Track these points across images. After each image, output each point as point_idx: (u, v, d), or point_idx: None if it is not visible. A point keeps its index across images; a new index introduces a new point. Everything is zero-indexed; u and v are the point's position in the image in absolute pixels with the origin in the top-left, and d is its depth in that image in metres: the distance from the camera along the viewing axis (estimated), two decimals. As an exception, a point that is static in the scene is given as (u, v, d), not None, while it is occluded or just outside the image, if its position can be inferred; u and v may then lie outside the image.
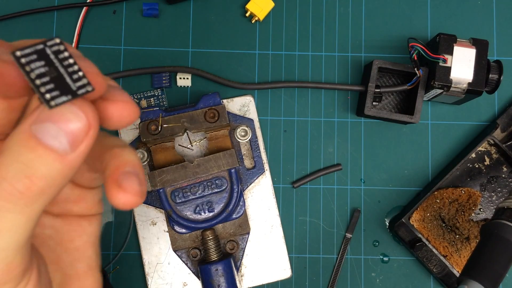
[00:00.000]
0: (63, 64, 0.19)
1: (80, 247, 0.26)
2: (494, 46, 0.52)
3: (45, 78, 0.18)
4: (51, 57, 0.18)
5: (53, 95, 0.18)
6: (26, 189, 0.18)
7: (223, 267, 0.45)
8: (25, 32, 0.50)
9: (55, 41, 0.19)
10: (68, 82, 0.18)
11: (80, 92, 0.18)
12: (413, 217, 0.49)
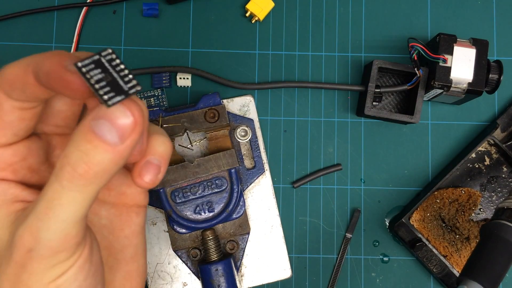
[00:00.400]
0: (116, 70, 0.22)
1: (129, 236, 0.30)
2: (494, 46, 0.52)
3: (102, 82, 0.22)
4: (106, 65, 0.22)
5: (110, 96, 0.22)
6: (85, 172, 0.22)
7: (223, 267, 0.45)
8: (25, 32, 0.50)
9: (108, 51, 0.23)
10: (121, 84, 0.22)
11: (131, 91, 0.22)
12: (413, 217, 0.49)
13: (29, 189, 0.27)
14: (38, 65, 0.23)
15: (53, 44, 0.50)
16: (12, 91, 0.25)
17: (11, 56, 0.50)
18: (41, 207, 0.23)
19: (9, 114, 0.25)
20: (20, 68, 0.24)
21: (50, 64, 0.22)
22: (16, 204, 0.26)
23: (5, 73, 0.25)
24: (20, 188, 0.27)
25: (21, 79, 0.24)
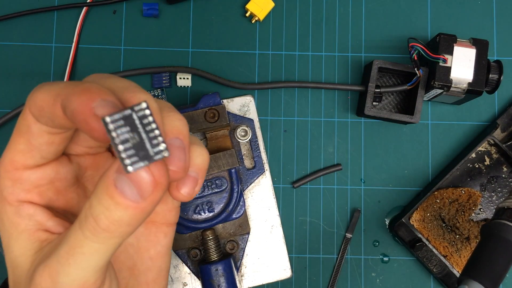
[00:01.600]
0: (146, 129, 0.20)
1: (153, 257, 0.29)
2: (494, 46, 0.52)
3: (127, 144, 0.20)
4: (136, 122, 0.20)
5: (132, 161, 0.20)
6: (106, 227, 0.22)
7: (223, 267, 0.45)
8: (25, 32, 0.50)
9: (142, 106, 0.20)
10: (148, 147, 0.20)
11: (156, 157, 0.21)
12: (413, 217, 0.49)
13: (55, 218, 0.26)
14: (66, 99, 0.22)
15: (53, 44, 0.50)
16: (40, 117, 0.24)
17: (11, 56, 0.50)
18: (63, 251, 0.23)
19: (37, 138, 0.25)
20: (50, 96, 0.23)
21: (77, 103, 0.21)
22: (40, 232, 0.26)
23: (35, 98, 0.24)
24: (46, 215, 0.26)
25: (49, 108, 0.23)
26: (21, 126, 0.25)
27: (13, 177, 0.25)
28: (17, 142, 0.25)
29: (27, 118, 0.24)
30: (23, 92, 0.50)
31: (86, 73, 0.50)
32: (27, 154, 0.25)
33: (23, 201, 0.26)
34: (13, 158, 0.25)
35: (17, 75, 0.50)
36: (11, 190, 0.25)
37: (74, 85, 0.22)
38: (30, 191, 0.26)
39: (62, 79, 0.49)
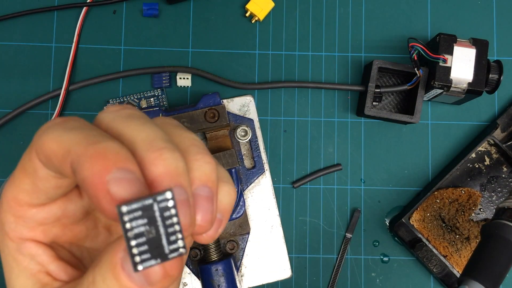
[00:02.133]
0: (165, 224, 0.18)
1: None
2: (494, 46, 0.52)
3: (141, 238, 0.18)
4: (156, 214, 0.18)
5: (143, 258, 0.18)
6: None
7: (223, 267, 0.45)
8: (25, 32, 0.50)
9: (166, 196, 0.18)
10: (163, 244, 0.18)
11: (171, 256, 0.18)
12: (413, 217, 0.49)
13: (58, 262, 0.24)
14: (77, 162, 0.19)
15: (53, 44, 0.50)
16: (48, 164, 0.21)
17: (11, 56, 0.50)
18: None
19: (44, 182, 0.22)
20: (59, 149, 0.20)
21: (89, 172, 0.18)
22: (42, 275, 0.24)
23: (43, 145, 0.21)
24: (49, 257, 0.24)
25: (58, 162, 0.20)
26: (27, 167, 0.22)
27: (16, 214, 0.23)
28: (21, 181, 0.23)
29: (34, 160, 0.22)
30: (23, 92, 0.50)
31: (86, 73, 0.50)
32: (32, 194, 0.23)
33: (25, 239, 0.24)
34: (17, 196, 0.23)
35: (17, 75, 0.50)
36: (14, 227, 0.23)
37: (88, 143, 0.19)
38: (34, 229, 0.24)
39: (62, 79, 0.49)
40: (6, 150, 0.49)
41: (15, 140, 0.49)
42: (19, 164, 0.23)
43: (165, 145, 0.19)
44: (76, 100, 0.50)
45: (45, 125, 0.21)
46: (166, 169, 0.19)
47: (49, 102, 0.50)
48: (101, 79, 0.49)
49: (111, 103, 0.50)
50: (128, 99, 0.50)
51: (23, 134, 0.49)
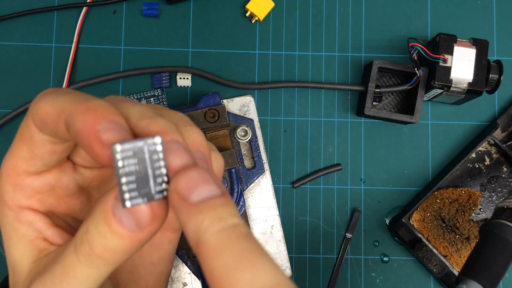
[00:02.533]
0: (153, 166, 0.20)
1: (156, 262, 0.29)
2: (494, 46, 0.52)
3: (131, 177, 0.19)
4: (145, 156, 0.19)
5: (132, 196, 0.19)
6: (101, 254, 0.21)
7: (223, 267, 0.45)
8: (25, 32, 0.50)
9: (155, 140, 0.19)
10: (150, 184, 0.20)
11: (156, 197, 0.20)
12: (413, 217, 0.49)
13: (54, 228, 0.26)
14: (70, 117, 0.21)
15: (53, 44, 0.50)
16: (43, 128, 0.23)
17: (11, 56, 0.50)
18: (58, 272, 0.23)
19: (40, 147, 0.24)
20: (54, 110, 0.22)
21: (82, 124, 0.20)
22: (39, 241, 0.25)
23: (38, 109, 0.23)
24: (45, 224, 0.26)
25: (53, 122, 0.22)
26: (24, 134, 0.24)
27: (14, 183, 0.25)
28: (19, 148, 0.24)
29: (30, 126, 0.23)
30: (23, 92, 0.50)
31: (86, 73, 0.50)
32: (29, 161, 0.24)
33: (23, 207, 0.25)
34: (15, 164, 0.25)
35: (17, 75, 0.50)
36: (12, 195, 0.25)
37: (80, 101, 0.21)
38: (31, 197, 0.25)
39: (62, 79, 0.49)
40: (6, 150, 0.49)
41: (15, 140, 0.49)
42: (17, 133, 0.25)
43: (156, 115, 0.21)
44: (76, 100, 0.50)
45: (39, 94, 0.23)
46: (160, 127, 0.21)
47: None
48: (101, 79, 0.49)
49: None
50: (128, 99, 0.50)
51: (23, 134, 0.49)
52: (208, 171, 0.20)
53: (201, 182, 0.20)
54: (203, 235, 0.19)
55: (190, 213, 0.19)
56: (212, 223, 0.19)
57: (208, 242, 0.18)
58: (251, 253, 0.18)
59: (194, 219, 0.19)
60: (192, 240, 0.19)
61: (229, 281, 0.17)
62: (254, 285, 0.17)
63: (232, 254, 0.18)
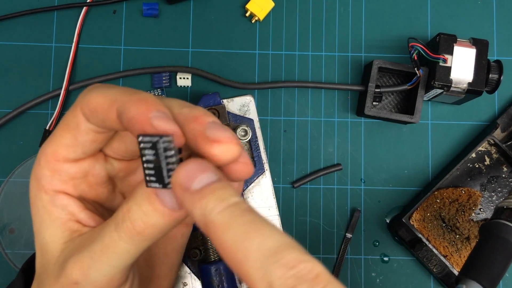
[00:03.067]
0: (166, 159, 0.22)
1: (169, 253, 0.32)
2: (494, 46, 0.52)
3: (150, 164, 0.23)
4: (160, 151, 0.22)
5: (151, 179, 0.23)
6: (141, 230, 0.24)
7: (223, 267, 0.45)
8: (25, 32, 0.50)
9: (168, 138, 0.22)
10: (164, 174, 0.23)
11: (168, 186, 0.23)
12: (413, 217, 0.49)
13: (86, 211, 0.28)
14: (124, 106, 0.23)
15: (53, 44, 0.50)
16: (92, 117, 0.25)
17: (11, 56, 0.50)
18: (97, 249, 0.25)
19: (84, 135, 0.26)
20: (105, 101, 0.25)
21: (136, 112, 0.23)
22: (71, 222, 0.27)
23: (89, 100, 0.25)
24: (78, 207, 0.27)
25: (103, 112, 0.25)
26: (70, 122, 0.26)
27: (53, 168, 0.27)
28: (63, 136, 0.27)
29: (78, 116, 0.26)
30: (23, 92, 0.50)
31: (86, 73, 0.50)
32: (70, 148, 0.27)
33: (59, 191, 0.27)
34: (56, 150, 0.27)
35: (17, 75, 0.50)
36: (50, 180, 0.27)
37: (130, 93, 0.24)
38: (66, 183, 0.27)
39: (62, 79, 0.49)
40: (6, 150, 0.49)
41: (15, 140, 0.49)
42: (61, 122, 0.27)
43: (194, 106, 0.25)
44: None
45: (87, 89, 0.26)
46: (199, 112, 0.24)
47: (49, 102, 0.50)
48: (101, 79, 0.49)
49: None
50: (128, 99, 0.50)
51: (23, 134, 0.49)
52: (204, 161, 0.22)
53: (199, 172, 0.22)
54: (209, 216, 0.20)
55: (194, 200, 0.21)
56: (215, 204, 0.21)
57: (215, 222, 0.20)
58: (255, 223, 0.20)
59: (199, 204, 0.21)
60: (200, 223, 0.21)
61: (241, 251, 0.19)
62: (263, 248, 0.19)
63: (239, 227, 0.20)
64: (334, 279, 0.19)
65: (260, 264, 0.18)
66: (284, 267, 0.18)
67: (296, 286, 0.18)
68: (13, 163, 0.48)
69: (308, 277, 0.18)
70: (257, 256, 0.19)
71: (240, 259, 0.19)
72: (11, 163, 0.48)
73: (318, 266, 0.19)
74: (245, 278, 0.19)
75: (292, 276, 0.18)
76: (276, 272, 0.18)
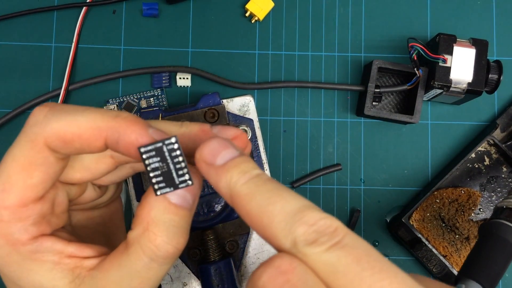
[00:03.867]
0: (173, 161, 0.23)
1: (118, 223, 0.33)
2: (494, 46, 0.52)
3: (157, 171, 0.23)
4: (165, 154, 0.23)
5: (160, 186, 0.24)
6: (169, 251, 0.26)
7: (223, 267, 0.45)
8: (25, 32, 0.50)
9: (171, 140, 0.23)
10: (174, 176, 0.23)
11: (180, 186, 0.24)
12: (413, 217, 0.49)
13: (73, 243, 0.26)
14: (118, 134, 0.24)
15: (53, 44, 0.50)
16: (64, 148, 0.24)
17: (11, 56, 0.50)
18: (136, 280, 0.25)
19: (55, 167, 0.25)
20: (84, 130, 0.24)
21: (135, 135, 0.23)
22: (66, 260, 0.25)
23: (58, 131, 0.24)
24: (61, 243, 0.26)
25: (84, 141, 0.24)
26: (34, 158, 0.24)
27: (20, 217, 0.24)
28: (28, 176, 0.24)
29: (43, 150, 0.24)
30: (23, 92, 0.50)
31: (86, 73, 0.50)
32: (40, 186, 0.25)
33: (36, 237, 0.25)
34: (22, 196, 0.24)
35: (17, 75, 0.50)
36: (23, 230, 0.25)
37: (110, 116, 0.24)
38: (40, 223, 0.25)
39: (62, 79, 0.49)
40: (6, 150, 0.49)
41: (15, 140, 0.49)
42: (13, 162, 0.24)
43: None
44: (76, 100, 0.50)
45: (38, 114, 0.24)
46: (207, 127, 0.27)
47: (49, 102, 0.50)
48: (101, 79, 0.49)
49: (110, 103, 0.50)
50: (128, 99, 0.50)
51: (23, 134, 0.49)
52: (225, 139, 0.24)
53: (221, 148, 0.23)
54: (234, 188, 0.22)
55: (218, 174, 0.23)
56: (239, 177, 0.22)
57: (240, 192, 0.22)
58: (277, 190, 0.21)
59: (224, 178, 0.22)
60: (226, 196, 0.23)
61: (266, 214, 0.21)
62: (286, 211, 0.20)
63: (262, 195, 0.21)
64: (351, 232, 0.20)
65: (284, 225, 0.20)
66: (306, 224, 0.20)
67: (318, 239, 0.20)
68: (13, 163, 0.48)
69: (328, 231, 0.20)
70: (281, 218, 0.20)
71: (266, 223, 0.21)
72: (11, 163, 0.48)
73: (336, 222, 0.20)
74: (271, 239, 0.21)
75: (313, 231, 0.20)
76: (299, 229, 0.20)
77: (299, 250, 0.20)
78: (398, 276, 0.19)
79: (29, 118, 0.25)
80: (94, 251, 0.26)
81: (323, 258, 0.19)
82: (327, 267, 0.19)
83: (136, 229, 0.25)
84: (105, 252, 0.27)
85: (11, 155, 0.25)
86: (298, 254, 0.20)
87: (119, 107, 0.50)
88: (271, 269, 0.20)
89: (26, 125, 0.25)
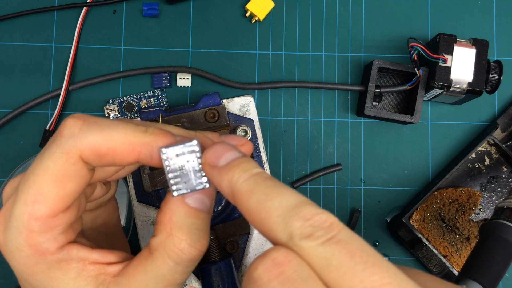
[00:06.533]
0: (192, 164, 0.24)
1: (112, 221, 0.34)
2: (494, 46, 0.52)
3: (175, 172, 0.24)
4: (185, 156, 0.24)
5: (177, 188, 0.24)
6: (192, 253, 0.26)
7: (223, 267, 0.45)
8: (25, 32, 0.50)
9: (192, 143, 0.24)
10: (192, 178, 0.24)
11: (198, 188, 0.25)
12: (413, 217, 0.49)
13: (96, 249, 0.27)
14: (151, 148, 0.25)
15: (53, 44, 0.50)
16: (97, 161, 0.25)
17: (11, 56, 0.50)
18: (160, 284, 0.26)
19: (87, 179, 0.26)
20: (120, 145, 0.25)
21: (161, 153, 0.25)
22: (90, 267, 0.26)
23: (93, 145, 0.25)
24: (84, 249, 0.26)
25: (119, 155, 0.25)
26: (68, 170, 0.25)
27: (50, 227, 0.25)
28: (61, 188, 0.25)
29: (78, 162, 0.25)
30: (23, 92, 0.50)
31: (86, 73, 0.50)
32: (71, 196, 0.25)
33: (64, 245, 0.26)
34: (55, 207, 0.25)
35: (17, 75, 0.50)
36: (52, 240, 0.25)
37: (141, 131, 0.25)
38: (67, 232, 0.26)
39: (62, 79, 0.49)
40: (6, 150, 0.49)
41: (15, 140, 0.49)
42: (47, 178, 0.24)
43: None
44: (76, 100, 0.50)
45: (70, 130, 0.25)
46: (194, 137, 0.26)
47: (49, 102, 0.50)
48: (101, 79, 0.49)
49: (111, 103, 0.50)
50: (128, 99, 0.50)
51: (23, 134, 0.49)
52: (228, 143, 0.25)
53: (224, 151, 0.24)
54: (235, 186, 0.23)
55: (221, 174, 0.24)
56: (240, 175, 0.23)
57: (241, 189, 0.23)
58: (276, 187, 0.22)
59: (226, 177, 0.23)
60: (228, 194, 0.23)
61: (264, 210, 0.21)
62: (283, 206, 0.21)
63: (261, 191, 0.22)
64: (346, 227, 0.21)
65: (281, 219, 0.21)
66: (302, 219, 0.21)
67: (313, 233, 0.20)
68: (13, 163, 0.48)
69: (324, 225, 0.20)
70: (278, 212, 0.21)
71: (264, 217, 0.21)
72: (11, 163, 0.48)
73: (331, 217, 0.21)
74: (269, 233, 0.22)
75: (309, 226, 0.20)
76: (295, 223, 0.21)
77: (294, 243, 0.20)
78: (389, 271, 0.19)
79: (62, 130, 0.25)
80: (117, 257, 0.27)
81: (317, 251, 0.20)
82: (321, 260, 0.20)
83: (160, 235, 0.25)
84: (127, 257, 0.27)
85: (43, 167, 0.24)
86: (293, 247, 0.20)
87: (119, 107, 0.50)
88: (267, 261, 0.20)
89: (59, 137, 0.25)
